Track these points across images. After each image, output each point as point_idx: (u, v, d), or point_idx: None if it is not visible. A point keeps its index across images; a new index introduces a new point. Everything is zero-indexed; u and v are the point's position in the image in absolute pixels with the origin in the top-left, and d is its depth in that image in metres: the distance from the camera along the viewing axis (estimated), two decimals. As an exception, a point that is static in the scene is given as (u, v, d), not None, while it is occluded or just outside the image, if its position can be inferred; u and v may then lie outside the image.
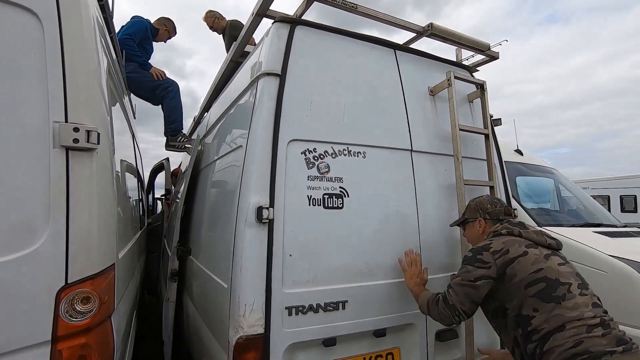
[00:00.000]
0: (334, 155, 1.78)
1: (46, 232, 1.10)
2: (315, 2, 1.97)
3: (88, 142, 1.17)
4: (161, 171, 5.11)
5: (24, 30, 1.15)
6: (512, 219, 1.70)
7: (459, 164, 2.05)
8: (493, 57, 2.51)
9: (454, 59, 2.67)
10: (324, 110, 1.81)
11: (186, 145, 3.53)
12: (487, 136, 2.25)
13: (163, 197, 4.85)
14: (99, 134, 1.20)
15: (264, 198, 1.58)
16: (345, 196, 1.77)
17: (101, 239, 1.24)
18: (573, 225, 3.37)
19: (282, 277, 1.58)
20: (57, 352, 1.11)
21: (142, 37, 3.37)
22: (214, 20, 4.18)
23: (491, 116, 2.46)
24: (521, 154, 4.60)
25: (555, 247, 1.56)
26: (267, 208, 1.56)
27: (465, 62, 2.70)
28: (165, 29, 3.77)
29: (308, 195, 1.69)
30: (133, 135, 3.29)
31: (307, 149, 1.73)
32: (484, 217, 1.73)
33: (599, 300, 1.42)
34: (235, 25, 3.96)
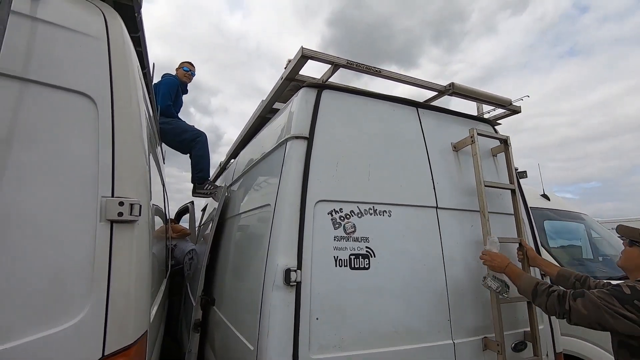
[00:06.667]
0: (360, 215, 1.81)
1: (88, 304, 1.14)
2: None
3: (131, 214, 1.24)
4: (185, 214, 5.25)
5: (81, 113, 1.26)
6: None
7: (486, 221, 2.03)
8: (515, 111, 2.54)
9: (476, 113, 2.71)
10: (349, 170, 1.86)
11: (212, 192, 3.64)
12: (513, 191, 2.23)
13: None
14: (140, 206, 1.28)
15: (292, 260, 1.60)
16: (371, 256, 1.77)
17: (137, 307, 1.27)
18: (610, 278, 3.20)
19: (309, 341, 1.56)
20: None
21: (175, 95, 3.63)
22: None
23: (516, 169, 2.45)
24: (548, 199, 4.48)
25: None
26: (295, 270, 1.58)
27: (487, 115, 2.74)
28: (186, 74, 3.99)
29: (335, 256, 1.70)
30: (163, 183, 3.44)
31: (334, 210, 1.76)
32: None
33: None
34: None
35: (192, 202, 5.11)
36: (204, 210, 5.41)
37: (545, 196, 4.54)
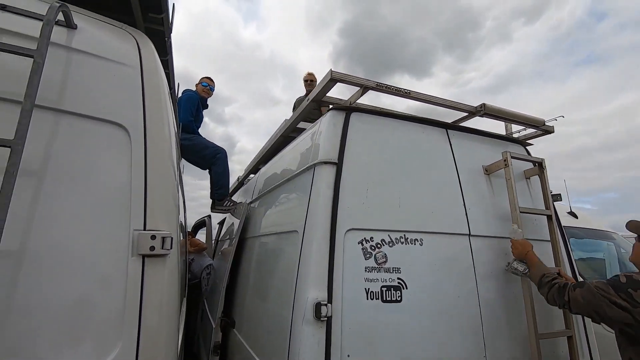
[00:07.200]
0: (391, 244, 1.73)
1: (120, 343, 1.10)
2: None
3: (163, 248, 1.20)
4: (202, 227, 5.25)
5: (114, 143, 1.24)
6: None
7: (522, 249, 1.93)
8: (547, 131, 2.44)
9: (504, 132, 2.63)
10: (379, 196, 1.79)
11: (230, 208, 3.61)
12: (549, 217, 2.13)
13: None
14: (172, 238, 1.24)
15: (322, 293, 1.54)
16: (403, 288, 1.69)
17: (167, 345, 1.23)
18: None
19: (340, 380, 1.48)
20: None
21: (196, 110, 3.64)
22: (311, 82, 4.80)
23: (550, 192, 2.34)
24: (575, 216, 4.31)
25: None
26: (326, 304, 1.51)
27: (516, 135, 2.65)
28: (204, 89, 3.98)
29: (366, 288, 1.62)
30: (183, 198, 3.43)
31: (364, 238, 1.69)
32: None
33: None
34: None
35: (209, 216, 5.11)
36: (220, 223, 5.40)
37: (572, 213, 4.37)
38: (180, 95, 3.88)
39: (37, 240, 1.07)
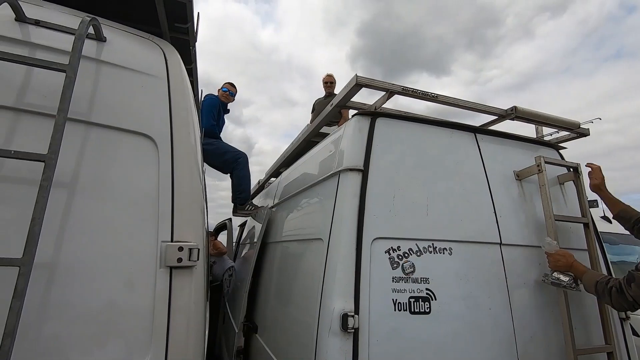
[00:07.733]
0: (418, 253, 1.68)
1: (148, 354, 1.10)
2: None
3: (190, 260, 1.20)
4: (223, 230, 5.30)
5: (142, 155, 1.25)
6: None
7: (557, 259, 1.83)
8: (582, 134, 2.32)
9: (534, 135, 2.52)
10: (407, 204, 1.74)
11: (251, 212, 3.62)
12: (586, 225, 2.02)
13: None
14: (199, 250, 1.23)
15: (349, 303, 1.50)
16: (432, 299, 1.63)
17: (195, 352, 1.22)
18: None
19: (368, 395, 1.44)
20: None
21: (217, 114, 3.68)
22: (330, 83, 4.87)
23: (586, 198, 2.23)
24: (609, 221, 4.11)
25: None
26: (353, 315, 1.47)
27: (547, 137, 2.54)
28: (224, 94, 3.99)
29: (393, 299, 1.58)
30: (205, 202, 3.46)
31: (391, 248, 1.65)
32: None
33: None
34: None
35: (230, 219, 5.15)
36: (241, 226, 5.44)
37: (606, 218, 4.17)
38: (202, 99, 3.93)
39: (67, 251, 1.08)
